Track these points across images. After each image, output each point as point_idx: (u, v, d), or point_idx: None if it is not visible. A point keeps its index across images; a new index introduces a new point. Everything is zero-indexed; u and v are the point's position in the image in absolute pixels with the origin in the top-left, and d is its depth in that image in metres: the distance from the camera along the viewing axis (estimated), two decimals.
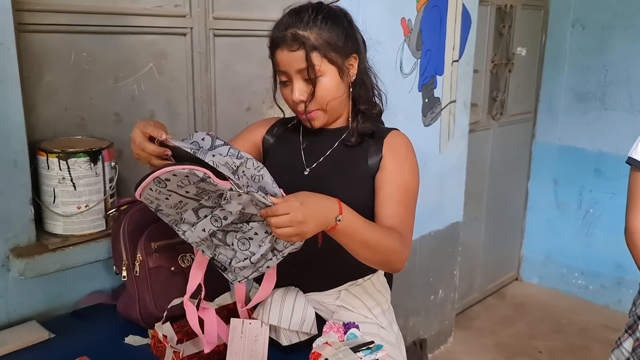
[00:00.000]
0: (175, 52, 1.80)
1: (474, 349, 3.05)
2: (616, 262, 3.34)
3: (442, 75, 2.58)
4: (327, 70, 1.21)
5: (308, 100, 1.23)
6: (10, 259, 1.38)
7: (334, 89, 1.24)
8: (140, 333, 1.37)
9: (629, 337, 1.60)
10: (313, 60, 1.19)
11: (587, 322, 3.32)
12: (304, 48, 1.18)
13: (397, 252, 1.16)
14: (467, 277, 3.39)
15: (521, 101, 3.56)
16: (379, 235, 1.12)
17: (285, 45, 1.20)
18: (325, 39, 1.20)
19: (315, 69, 1.19)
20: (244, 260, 1.07)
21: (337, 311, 1.34)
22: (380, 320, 1.37)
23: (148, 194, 1.04)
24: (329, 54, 1.20)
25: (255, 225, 1.05)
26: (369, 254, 1.13)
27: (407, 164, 1.29)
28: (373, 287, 1.38)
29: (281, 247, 1.06)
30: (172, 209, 1.07)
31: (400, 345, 1.43)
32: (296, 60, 1.19)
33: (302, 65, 1.19)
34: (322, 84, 1.21)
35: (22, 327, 1.39)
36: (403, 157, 1.29)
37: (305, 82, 1.22)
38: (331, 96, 1.24)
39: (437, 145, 2.64)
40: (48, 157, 1.42)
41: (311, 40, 1.19)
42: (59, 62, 1.55)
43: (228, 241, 1.08)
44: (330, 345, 1.10)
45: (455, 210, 2.89)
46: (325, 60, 1.20)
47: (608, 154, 3.38)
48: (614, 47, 3.32)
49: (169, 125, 1.81)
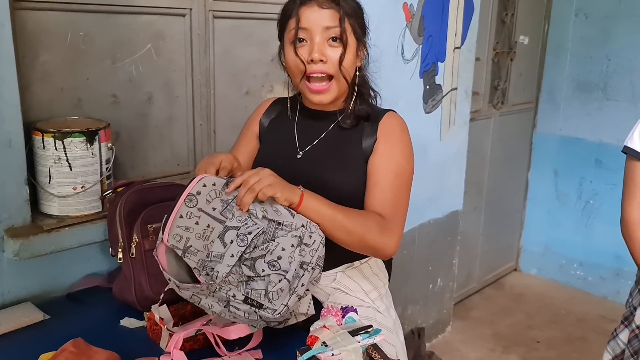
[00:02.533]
0: (173, 34, 1.77)
1: (471, 338, 3.05)
2: (615, 253, 3.33)
3: (443, 62, 2.55)
4: (351, 42, 1.20)
5: (338, 62, 1.19)
6: (5, 239, 1.37)
7: (351, 62, 1.22)
8: (136, 316, 1.36)
9: (625, 328, 1.59)
10: (345, 24, 1.18)
11: (585, 313, 3.32)
12: (337, 9, 1.17)
13: (372, 235, 1.14)
14: (466, 267, 3.38)
15: (522, 90, 3.53)
16: (348, 215, 1.12)
17: (316, 2, 1.17)
18: (356, 11, 1.21)
19: (346, 33, 1.18)
20: (279, 282, 1.02)
21: (333, 293, 1.33)
22: (377, 304, 1.35)
23: (177, 226, 1.03)
24: (355, 27, 1.21)
25: (281, 240, 1.04)
26: (340, 234, 1.12)
27: (400, 147, 1.26)
28: (370, 271, 1.36)
29: (308, 258, 1.05)
30: (200, 241, 1.04)
31: (398, 331, 1.42)
32: (327, 17, 1.17)
33: (332, 24, 1.17)
34: (345, 54, 1.19)
35: (17, 308, 1.38)
36: (397, 139, 1.27)
37: (327, 45, 1.19)
38: (349, 69, 1.22)
39: (437, 132, 2.62)
40: (44, 137, 1.40)
41: (346, 6, 1.18)
42: (55, 41, 1.52)
43: (258, 268, 1.03)
44: (328, 328, 1.09)
45: (455, 198, 2.88)
46: (352, 32, 1.20)
47: (609, 144, 3.37)
48: (617, 36, 3.30)
49: (167, 108, 1.81)
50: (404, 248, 2.62)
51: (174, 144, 1.85)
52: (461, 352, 2.92)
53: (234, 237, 1.03)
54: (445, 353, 2.86)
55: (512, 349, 2.96)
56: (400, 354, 1.37)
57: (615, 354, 1.62)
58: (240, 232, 1.03)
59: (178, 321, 1.26)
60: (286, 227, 1.05)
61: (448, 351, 2.90)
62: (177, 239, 1.03)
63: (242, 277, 1.04)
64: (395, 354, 1.33)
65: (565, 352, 2.95)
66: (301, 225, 1.06)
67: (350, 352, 1.00)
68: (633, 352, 1.54)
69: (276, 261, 1.02)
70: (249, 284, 1.04)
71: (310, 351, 1.00)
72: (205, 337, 1.24)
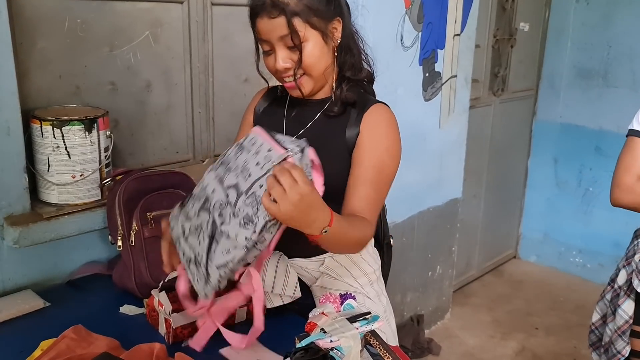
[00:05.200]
0: (171, 21, 1.76)
1: (470, 325, 3.07)
2: (614, 240, 3.34)
3: (443, 50, 2.54)
4: (311, 35, 1.17)
5: (296, 67, 1.18)
6: (5, 227, 1.37)
7: (319, 54, 1.19)
8: (136, 303, 1.36)
9: (611, 289, 1.65)
10: (295, 26, 1.14)
11: (583, 300, 3.33)
12: (284, 14, 1.13)
13: (365, 242, 1.17)
14: (465, 254, 3.39)
15: (523, 77, 3.52)
16: (352, 233, 1.11)
17: (265, 13, 1.15)
18: (306, 3, 1.15)
19: (299, 35, 1.15)
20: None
21: (321, 277, 1.33)
22: (367, 290, 1.35)
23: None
24: (310, 18, 1.16)
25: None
26: (337, 249, 1.16)
27: (385, 143, 1.23)
28: (359, 257, 1.35)
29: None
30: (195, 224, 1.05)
31: (390, 317, 1.41)
32: (277, 27, 1.15)
33: (284, 32, 1.15)
34: (307, 50, 1.17)
35: (17, 296, 1.38)
36: (381, 134, 1.23)
37: (289, 50, 1.18)
38: (317, 62, 1.19)
39: (437, 120, 2.62)
40: (42, 125, 1.40)
41: (291, 5, 1.14)
42: (52, 28, 1.52)
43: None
44: (326, 315, 1.10)
45: (454, 186, 2.88)
46: (308, 26, 1.16)
47: (609, 132, 3.36)
48: (618, 23, 3.27)
49: (166, 96, 1.80)
50: (404, 236, 2.63)
51: (172, 131, 1.85)
52: (460, 339, 2.94)
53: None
54: (445, 340, 2.88)
55: (511, 335, 2.98)
56: (390, 341, 1.37)
57: (603, 313, 1.69)
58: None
59: (177, 308, 1.26)
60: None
61: (447, 338, 2.92)
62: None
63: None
64: (385, 340, 1.34)
65: (564, 339, 2.96)
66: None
67: (349, 339, 1.01)
68: (613, 309, 1.61)
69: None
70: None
71: (309, 337, 1.01)
72: None
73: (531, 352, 2.85)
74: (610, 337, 1.60)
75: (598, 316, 1.72)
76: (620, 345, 1.56)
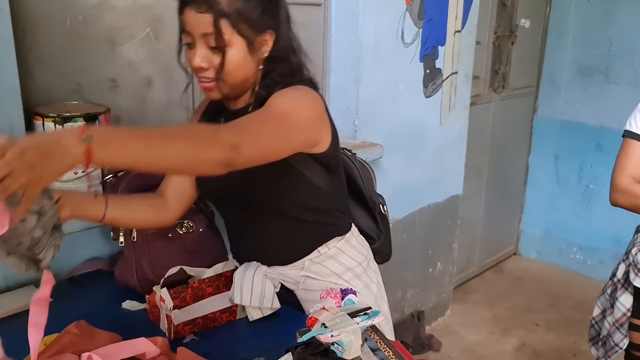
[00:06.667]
0: (171, 18, 1.74)
1: (471, 321, 3.07)
2: (615, 237, 3.34)
3: (443, 46, 2.54)
4: (236, 41, 1.11)
5: (214, 70, 1.12)
6: None
7: (240, 63, 1.13)
8: (138, 299, 1.37)
9: (612, 283, 1.67)
10: (221, 27, 1.08)
11: (584, 296, 3.33)
12: (212, 12, 1.07)
13: (205, 144, 0.93)
14: (466, 251, 3.40)
15: (523, 74, 3.52)
16: (168, 135, 0.91)
17: (194, 5, 1.09)
18: (238, 7, 1.09)
19: (223, 38, 1.09)
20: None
21: (303, 281, 1.31)
22: (354, 284, 1.32)
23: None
24: (239, 24, 1.10)
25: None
26: (156, 164, 0.90)
27: (280, 94, 1.13)
28: (342, 253, 1.33)
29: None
30: None
31: (381, 303, 1.40)
32: (202, 23, 1.09)
33: (208, 30, 1.09)
34: (228, 56, 1.11)
35: (20, 292, 1.39)
36: (278, 94, 1.13)
37: (210, 50, 1.11)
38: (235, 70, 1.13)
39: (437, 117, 2.62)
40: (44, 122, 1.40)
41: (222, 4, 1.08)
42: (54, 25, 1.52)
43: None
44: (327, 310, 1.10)
45: (455, 183, 2.88)
46: (235, 31, 1.10)
47: (610, 129, 3.35)
48: (619, 19, 3.27)
49: (167, 92, 1.80)
50: (404, 232, 2.64)
51: None
52: (460, 335, 2.95)
53: None
54: (445, 336, 2.89)
55: (511, 332, 2.98)
56: (383, 325, 1.35)
57: (604, 307, 1.71)
58: None
59: (178, 304, 1.27)
60: None
61: (447, 334, 2.93)
62: None
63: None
64: (378, 325, 1.33)
65: (564, 335, 2.97)
66: None
67: (349, 333, 1.01)
68: (612, 302, 1.63)
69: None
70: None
71: (310, 332, 1.01)
72: (204, 321, 1.25)
73: (531, 348, 2.85)
74: (609, 330, 1.62)
75: (599, 311, 1.73)
76: (618, 338, 1.57)
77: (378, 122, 2.32)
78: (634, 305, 1.55)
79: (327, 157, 1.23)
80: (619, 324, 1.57)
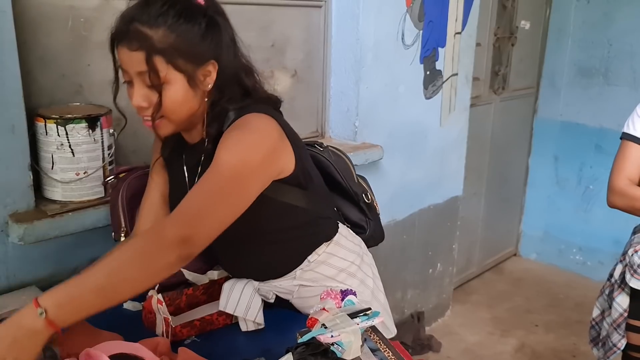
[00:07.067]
0: None
1: (470, 322, 3.08)
2: (614, 238, 3.34)
3: (444, 48, 2.55)
4: (174, 78, 1.04)
5: (153, 110, 1.05)
6: (10, 224, 1.39)
7: (181, 99, 1.06)
8: (138, 299, 1.37)
9: (610, 284, 1.68)
10: (155, 65, 1.01)
11: (583, 297, 3.34)
12: (144, 49, 1.00)
13: (153, 256, 0.95)
14: (466, 252, 3.40)
15: (523, 76, 3.52)
16: (115, 270, 0.93)
17: (125, 42, 1.02)
18: (173, 42, 1.02)
19: (158, 76, 1.02)
20: None
21: (297, 290, 1.31)
22: (349, 283, 1.31)
23: None
24: (175, 60, 1.03)
25: None
26: (125, 292, 0.95)
27: (227, 143, 1.05)
28: (332, 256, 1.31)
29: None
30: None
31: (378, 295, 1.39)
32: (136, 61, 1.02)
33: (143, 69, 1.02)
34: (167, 94, 1.04)
35: (22, 292, 1.40)
36: (227, 139, 1.06)
37: (147, 88, 1.04)
38: (177, 108, 1.07)
39: (437, 118, 2.63)
40: (46, 123, 1.41)
41: (154, 41, 1.01)
42: (56, 27, 1.53)
43: None
44: (327, 311, 1.11)
45: (455, 184, 2.89)
46: (171, 67, 1.03)
47: (609, 130, 3.35)
48: (619, 21, 3.27)
49: None
50: (404, 233, 2.64)
51: None
52: (460, 336, 2.95)
53: None
54: (445, 337, 2.89)
55: (510, 333, 2.99)
56: (382, 316, 1.35)
57: (603, 308, 1.73)
58: None
59: (173, 311, 1.28)
60: None
61: (447, 335, 2.93)
62: None
63: None
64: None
65: (564, 336, 2.98)
66: None
67: (349, 334, 1.02)
68: (609, 303, 1.64)
69: None
70: None
71: (310, 333, 1.02)
72: (201, 323, 1.26)
73: (531, 349, 2.86)
74: (607, 330, 1.63)
75: (598, 312, 1.75)
76: (616, 338, 1.58)
77: (378, 123, 2.33)
78: (631, 306, 1.56)
79: (296, 177, 1.19)
80: (616, 324, 1.58)
